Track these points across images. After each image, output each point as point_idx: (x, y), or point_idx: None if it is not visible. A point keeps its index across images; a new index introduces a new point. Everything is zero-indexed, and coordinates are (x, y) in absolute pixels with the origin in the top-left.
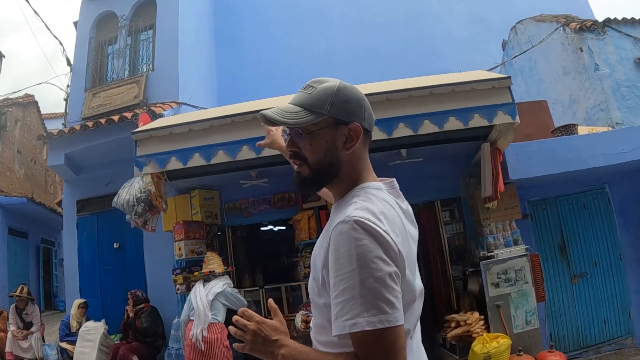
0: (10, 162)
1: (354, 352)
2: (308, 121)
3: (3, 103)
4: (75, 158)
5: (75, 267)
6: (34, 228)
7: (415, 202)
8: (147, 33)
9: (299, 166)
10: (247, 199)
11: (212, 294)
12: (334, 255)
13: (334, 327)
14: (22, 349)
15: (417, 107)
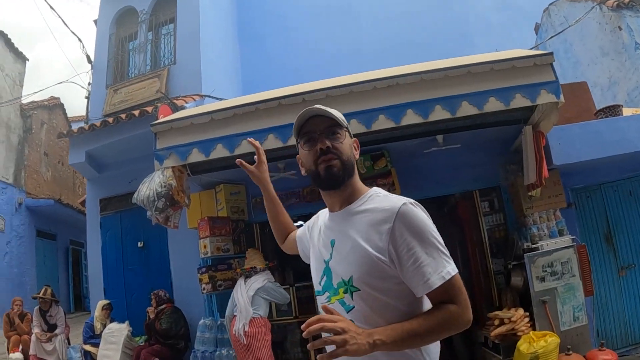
0: (37, 165)
1: (436, 304)
2: (344, 123)
3: (28, 106)
4: (97, 156)
5: (100, 267)
6: (62, 230)
7: (452, 193)
8: (168, 27)
9: (330, 160)
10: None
11: (252, 289)
12: (411, 227)
13: (433, 280)
14: (46, 352)
15: (455, 87)
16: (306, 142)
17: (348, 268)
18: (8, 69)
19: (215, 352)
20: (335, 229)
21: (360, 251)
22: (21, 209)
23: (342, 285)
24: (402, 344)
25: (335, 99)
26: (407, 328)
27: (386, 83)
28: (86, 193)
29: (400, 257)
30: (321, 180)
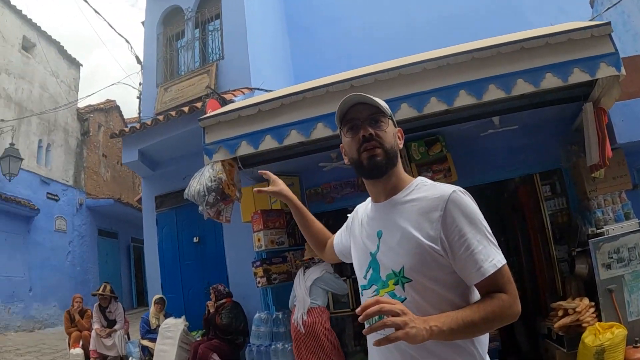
0: (96, 166)
1: (487, 293)
2: (388, 111)
3: (85, 110)
4: (150, 154)
5: (157, 263)
6: (123, 228)
7: (512, 177)
8: (214, 23)
9: (373, 149)
10: (329, 183)
11: (310, 280)
12: (463, 216)
13: (485, 268)
14: (106, 347)
15: (508, 65)
16: (349, 129)
17: (399, 259)
18: (62, 75)
19: (270, 345)
20: (382, 219)
21: (412, 241)
22: (82, 210)
23: (392, 276)
24: (457, 333)
25: (384, 83)
26: (462, 316)
27: (436, 64)
28: (141, 191)
29: (452, 244)
30: (364, 169)
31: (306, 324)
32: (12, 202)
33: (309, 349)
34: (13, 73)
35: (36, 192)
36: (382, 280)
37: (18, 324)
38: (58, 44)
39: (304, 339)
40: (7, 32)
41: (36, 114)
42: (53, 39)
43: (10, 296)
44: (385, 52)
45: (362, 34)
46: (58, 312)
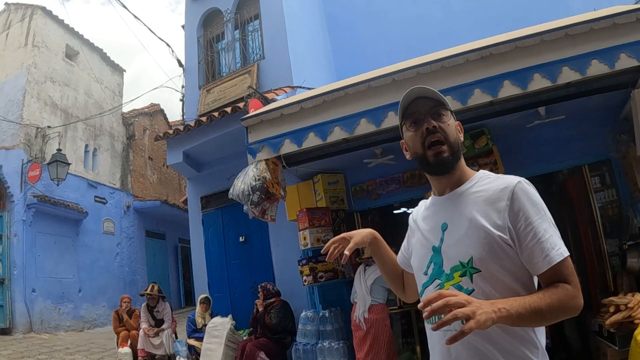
0: (142, 169)
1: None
2: (449, 104)
3: (130, 114)
4: (194, 155)
5: (203, 263)
6: (170, 229)
7: (559, 169)
8: (254, 24)
9: (439, 146)
10: (374, 180)
11: (371, 279)
12: (529, 205)
13: (552, 256)
14: (154, 346)
15: (553, 53)
16: (412, 123)
17: (466, 249)
18: (106, 81)
19: (316, 344)
20: (446, 212)
21: (480, 230)
22: (129, 212)
23: (458, 268)
24: (524, 318)
25: (426, 76)
26: (529, 301)
27: (479, 54)
28: (187, 192)
29: (519, 233)
30: (430, 165)
31: (367, 321)
32: (61, 206)
33: (368, 344)
34: (58, 81)
35: (84, 196)
36: (446, 274)
37: (68, 324)
38: (101, 51)
39: (365, 335)
40: (50, 42)
41: (82, 120)
42: (95, 47)
43: (60, 297)
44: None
45: (402, 28)
46: (107, 312)
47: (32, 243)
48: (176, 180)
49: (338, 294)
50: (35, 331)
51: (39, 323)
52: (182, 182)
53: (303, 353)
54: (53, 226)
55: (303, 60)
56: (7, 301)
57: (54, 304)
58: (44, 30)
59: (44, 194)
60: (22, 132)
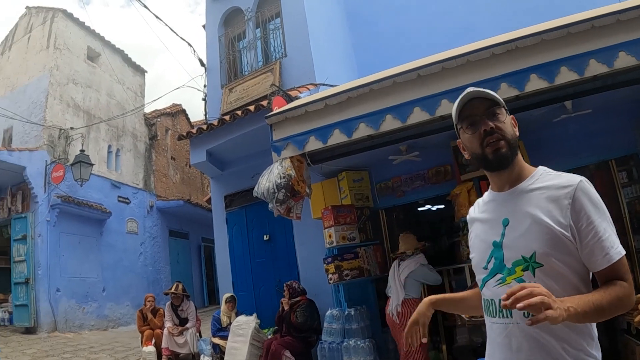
0: (165, 169)
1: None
2: (502, 102)
3: (152, 115)
4: (218, 154)
5: (227, 262)
6: (194, 228)
7: (586, 164)
8: (275, 22)
9: (498, 142)
10: (399, 176)
11: (405, 273)
12: (590, 204)
13: (611, 255)
14: (178, 345)
15: (580, 45)
16: (469, 125)
17: (529, 244)
18: (128, 82)
19: (342, 343)
20: (507, 207)
21: (543, 226)
22: (153, 211)
23: (521, 262)
24: (588, 315)
25: (451, 71)
26: (593, 299)
27: (505, 48)
28: (210, 191)
29: (581, 231)
30: (489, 162)
31: (400, 315)
32: (85, 206)
33: (401, 339)
34: (80, 82)
35: (107, 196)
36: (508, 268)
37: (92, 323)
38: (122, 52)
39: (399, 329)
40: (71, 44)
41: (104, 121)
42: (117, 48)
43: (84, 296)
44: (448, 41)
45: (424, 24)
46: (131, 311)
47: (56, 243)
48: (199, 179)
49: (363, 292)
50: (60, 330)
51: (63, 322)
52: (204, 181)
53: (328, 351)
54: (77, 226)
55: (325, 57)
56: (32, 301)
57: (78, 303)
58: (65, 32)
59: (67, 195)
60: (45, 133)
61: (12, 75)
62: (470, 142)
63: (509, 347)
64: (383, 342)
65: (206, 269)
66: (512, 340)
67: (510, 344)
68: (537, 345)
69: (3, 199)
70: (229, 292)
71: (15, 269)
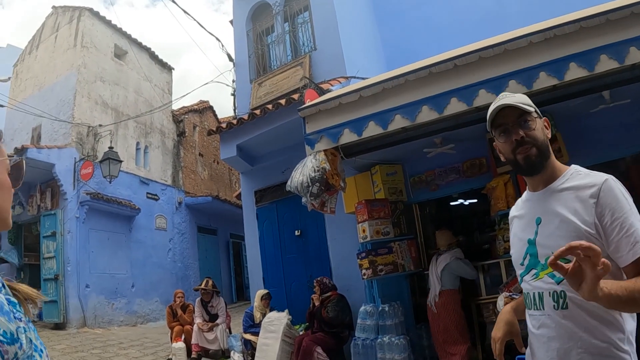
0: (193, 165)
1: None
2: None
3: (179, 112)
4: (248, 148)
5: (258, 258)
6: (222, 224)
7: (622, 156)
8: (304, 15)
9: (527, 149)
10: (432, 170)
11: (441, 266)
12: (615, 201)
13: (636, 249)
14: (208, 341)
15: (619, 32)
16: (501, 133)
17: (559, 241)
18: (155, 79)
19: (376, 339)
20: (540, 207)
21: (570, 225)
22: (181, 208)
23: None
24: (620, 300)
25: (488, 60)
26: (626, 285)
27: (543, 36)
28: (240, 186)
29: (606, 229)
30: (522, 168)
31: (437, 305)
32: (114, 203)
33: (439, 328)
34: (107, 80)
35: (136, 193)
36: (541, 264)
37: (121, 319)
38: (149, 50)
39: (437, 319)
40: (99, 42)
41: (132, 118)
42: (144, 46)
43: (113, 292)
44: (476, 34)
45: (452, 15)
46: (160, 307)
47: (85, 240)
48: (226, 176)
49: (398, 288)
50: (89, 326)
51: (93, 318)
52: (232, 177)
53: (362, 348)
54: (106, 223)
55: (355, 50)
56: (61, 297)
57: (107, 299)
58: (92, 31)
59: (96, 192)
60: (74, 131)
61: (40, 74)
62: (504, 149)
63: (543, 337)
64: (417, 339)
65: (234, 265)
66: (545, 331)
67: (544, 335)
68: (567, 335)
69: (32, 196)
70: (262, 288)
71: (44, 266)
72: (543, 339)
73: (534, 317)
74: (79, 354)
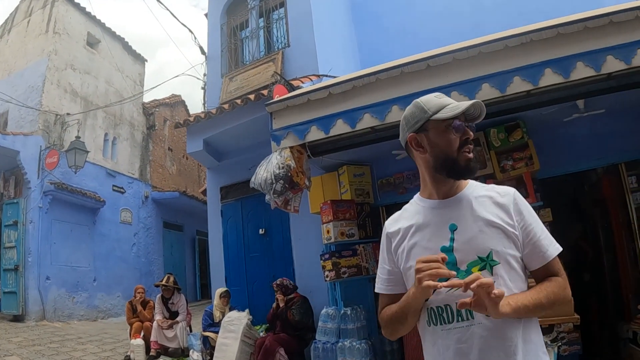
0: (162, 159)
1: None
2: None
3: (150, 104)
4: (215, 143)
5: (221, 255)
6: (189, 221)
7: (596, 166)
8: (279, 12)
9: (471, 153)
10: (401, 173)
11: None
12: (526, 209)
13: (550, 252)
14: (167, 339)
15: (597, 40)
16: (457, 127)
17: (485, 245)
18: (127, 70)
19: (337, 343)
20: (452, 213)
21: (497, 228)
22: (148, 202)
23: (477, 263)
24: (529, 310)
25: (463, 62)
26: (531, 296)
27: (519, 40)
28: (206, 182)
29: (522, 232)
30: (459, 168)
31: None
32: (79, 194)
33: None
34: (78, 68)
35: (102, 185)
36: (463, 270)
37: (81, 313)
38: (122, 40)
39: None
40: (72, 29)
41: (102, 107)
42: (117, 35)
43: (75, 286)
44: (453, 40)
45: (430, 22)
46: (121, 303)
47: (47, 230)
48: (195, 171)
49: (361, 292)
50: (48, 319)
51: (52, 311)
52: (201, 173)
53: (322, 352)
54: (70, 214)
55: (329, 49)
56: (21, 288)
57: (68, 292)
58: (65, 17)
59: (61, 182)
60: (41, 118)
61: (10, 59)
62: (448, 143)
63: (470, 349)
64: (380, 344)
65: (200, 263)
66: (474, 342)
67: (472, 347)
68: (497, 344)
69: None
70: (223, 287)
71: (4, 255)
72: (469, 352)
73: (456, 331)
74: (36, 347)
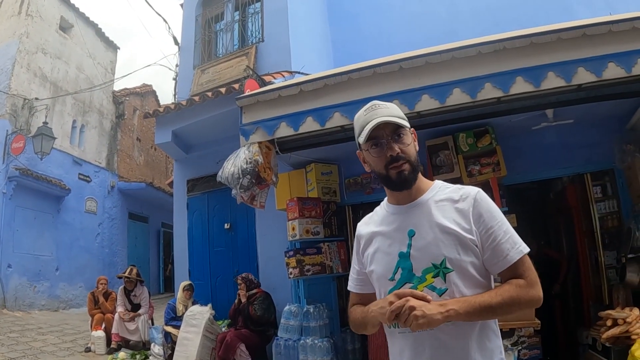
0: (129, 149)
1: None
2: (405, 121)
3: (120, 93)
4: (184, 135)
5: (185, 249)
6: (154, 212)
7: (562, 175)
8: (255, 6)
9: (402, 165)
10: (369, 173)
11: None
12: (488, 211)
13: (512, 255)
14: (129, 331)
15: (569, 52)
16: (373, 145)
17: (439, 252)
18: (99, 57)
19: (299, 340)
20: (411, 219)
21: (451, 234)
22: (113, 192)
23: (431, 270)
24: (474, 314)
25: (435, 66)
26: (479, 301)
27: (492, 47)
28: (173, 174)
29: (481, 236)
30: (393, 183)
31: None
32: (43, 181)
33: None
34: (49, 53)
35: (68, 172)
36: (418, 277)
37: (43, 303)
38: (96, 26)
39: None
40: (44, 12)
41: (71, 94)
42: (91, 21)
43: (36, 274)
44: (428, 44)
45: (405, 24)
46: (83, 293)
47: (11, 217)
48: (163, 163)
49: (324, 290)
50: (9, 308)
51: (13, 300)
52: (169, 165)
53: (284, 349)
54: (34, 201)
55: (303, 46)
56: None
57: (29, 281)
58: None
59: (26, 168)
60: (9, 102)
61: None
62: (375, 162)
63: (423, 353)
64: (342, 342)
65: (164, 255)
66: (426, 346)
67: (424, 351)
68: (451, 346)
69: None
70: (187, 280)
71: None
72: (421, 355)
73: (411, 335)
74: None
